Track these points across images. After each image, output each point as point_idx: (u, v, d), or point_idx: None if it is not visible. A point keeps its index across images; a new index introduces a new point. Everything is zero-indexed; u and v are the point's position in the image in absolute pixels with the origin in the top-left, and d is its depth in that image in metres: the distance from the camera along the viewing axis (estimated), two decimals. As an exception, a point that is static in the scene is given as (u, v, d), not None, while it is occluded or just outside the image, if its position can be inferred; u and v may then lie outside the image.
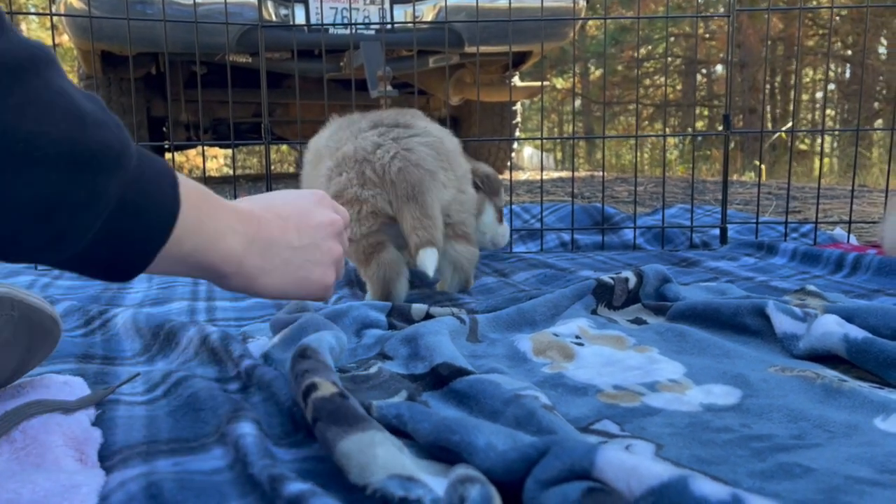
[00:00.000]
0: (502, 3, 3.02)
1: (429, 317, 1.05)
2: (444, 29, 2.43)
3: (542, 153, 2.74)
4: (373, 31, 2.92)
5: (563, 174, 5.55)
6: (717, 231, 1.93)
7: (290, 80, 3.63)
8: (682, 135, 6.76)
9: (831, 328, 0.86)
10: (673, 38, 11.66)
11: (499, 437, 0.54)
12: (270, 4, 2.88)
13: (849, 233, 1.89)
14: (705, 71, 12.17)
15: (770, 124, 10.88)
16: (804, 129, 7.45)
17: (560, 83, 12.29)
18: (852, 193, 1.91)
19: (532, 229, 2.01)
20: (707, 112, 11.42)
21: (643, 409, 0.72)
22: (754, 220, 1.96)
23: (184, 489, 0.53)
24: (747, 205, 2.94)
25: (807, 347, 0.88)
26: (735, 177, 5.50)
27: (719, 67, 12.43)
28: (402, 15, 3.05)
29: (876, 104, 10.43)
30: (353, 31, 2.77)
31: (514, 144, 4.96)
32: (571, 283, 1.33)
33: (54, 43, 1.99)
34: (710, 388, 0.77)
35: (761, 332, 0.96)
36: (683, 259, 1.68)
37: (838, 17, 9.20)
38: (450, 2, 2.48)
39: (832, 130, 4.50)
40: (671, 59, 11.99)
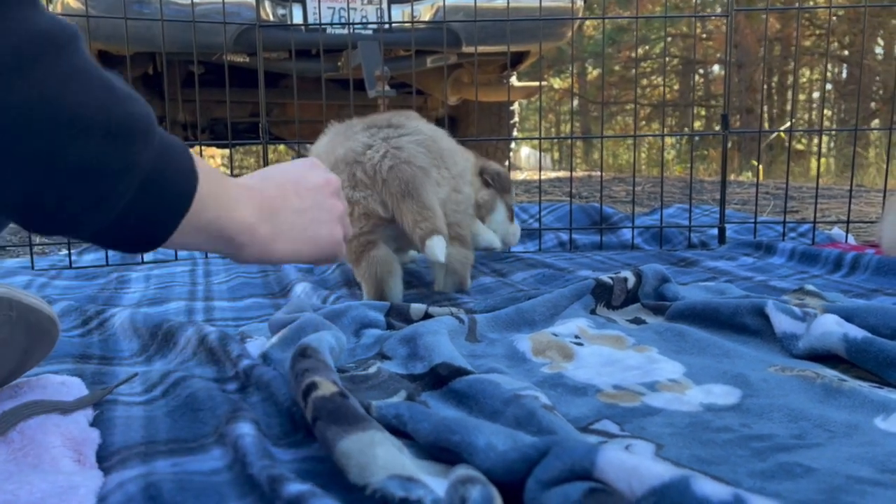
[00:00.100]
0: (500, 2, 3.02)
1: (427, 316, 1.04)
2: (442, 29, 2.43)
3: (539, 153, 2.74)
4: (370, 31, 2.92)
5: (561, 174, 5.56)
6: (716, 231, 1.93)
7: (287, 80, 3.62)
8: (681, 134, 6.77)
9: (831, 328, 0.86)
10: (670, 39, 11.67)
11: (499, 438, 0.54)
12: (268, 4, 2.88)
13: (847, 232, 1.89)
14: (702, 71, 12.18)
15: (767, 124, 10.90)
16: (803, 129, 7.46)
17: (558, 83, 12.28)
18: (850, 193, 1.91)
19: (530, 229, 2.01)
20: (704, 112, 11.43)
21: (643, 409, 0.72)
22: (752, 220, 1.96)
23: (183, 490, 0.53)
24: (745, 204, 2.94)
25: (806, 347, 0.88)
26: (732, 177, 5.50)
27: (716, 67, 12.44)
28: (399, 15, 3.04)
29: (872, 104, 10.45)
30: (350, 30, 2.77)
31: (512, 144, 4.96)
32: (570, 282, 1.33)
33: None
34: (710, 388, 0.77)
35: (761, 331, 0.96)
36: (682, 259, 1.68)
37: (835, 17, 9.22)
38: (448, 1, 2.48)
39: (830, 130, 4.50)
40: (669, 59, 12.00)
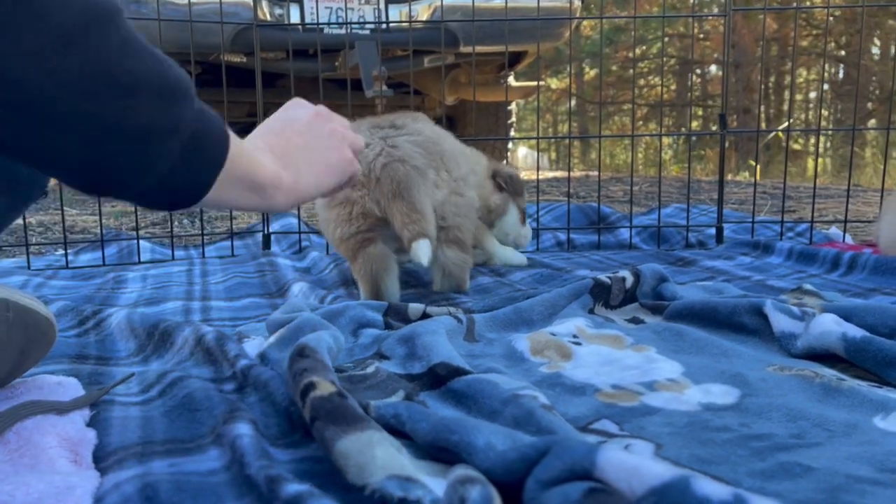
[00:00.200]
0: (498, 2, 3.01)
1: (425, 316, 1.04)
2: (440, 28, 2.43)
3: (537, 153, 2.74)
4: (368, 31, 2.91)
5: (558, 174, 5.56)
6: (714, 230, 1.93)
7: (284, 80, 3.61)
8: (679, 134, 6.77)
9: (829, 327, 0.86)
10: (668, 38, 11.68)
11: (498, 437, 0.54)
12: (265, 4, 2.87)
13: (844, 232, 1.89)
14: (700, 71, 12.20)
15: (764, 124, 10.92)
16: (800, 129, 7.46)
17: (555, 83, 12.30)
18: (848, 193, 1.91)
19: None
20: (701, 112, 11.44)
21: (642, 409, 0.72)
22: (750, 220, 1.97)
23: (180, 491, 0.53)
24: (742, 204, 2.94)
25: (805, 346, 0.88)
26: (730, 176, 5.51)
27: (714, 67, 12.45)
28: (397, 14, 3.04)
29: (869, 104, 10.47)
30: (348, 30, 2.76)
31: (509, 144, 4.96)
32: (568, 282, 1.33)
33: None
34: (709, 388, 0.77)
35: (759, 331, 0.96)
36: (680, 258, 1.68)
37: (832, 18, 9.23)
38: (445, 1, 2.48)
39: (827, 130, 4.50)
40: (666, 59, 12.01)
